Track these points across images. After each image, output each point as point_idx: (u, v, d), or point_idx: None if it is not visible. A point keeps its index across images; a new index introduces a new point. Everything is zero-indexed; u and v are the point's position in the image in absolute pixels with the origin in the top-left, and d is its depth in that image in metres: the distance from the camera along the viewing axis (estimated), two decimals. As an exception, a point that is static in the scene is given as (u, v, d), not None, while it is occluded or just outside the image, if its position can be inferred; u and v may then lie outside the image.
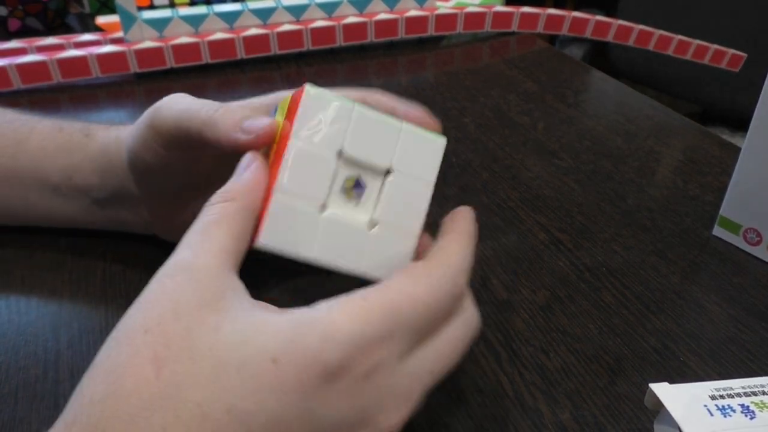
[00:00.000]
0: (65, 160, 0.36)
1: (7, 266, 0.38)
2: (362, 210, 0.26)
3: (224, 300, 0.22)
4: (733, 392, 0.26)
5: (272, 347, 0.21)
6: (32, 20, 0.74)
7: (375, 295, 0.22)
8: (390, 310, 0.22)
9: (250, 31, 0.66)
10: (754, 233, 0.40)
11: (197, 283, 0.22)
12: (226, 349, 0.21)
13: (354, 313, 0.21)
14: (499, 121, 0.57)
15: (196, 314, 0.21)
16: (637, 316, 0.36)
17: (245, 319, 0.21)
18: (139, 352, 0.21)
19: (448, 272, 0.24)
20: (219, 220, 0.24)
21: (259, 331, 0.21)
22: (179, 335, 0.21)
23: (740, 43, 0.83)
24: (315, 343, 0.21)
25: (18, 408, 0.30)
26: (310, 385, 0.21)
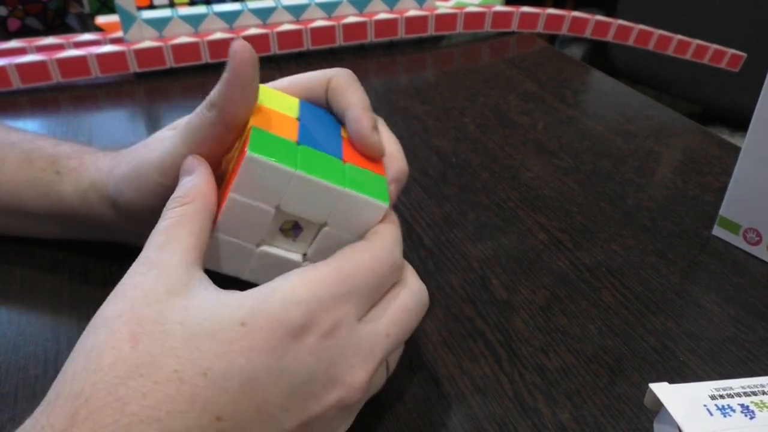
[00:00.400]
0: (40, 198, 0.35)
1: (7, 266, 0.38)
2: (298, 246, 0.28)
3: (191, 288, 0.23)
4: (732, 392, 0.26)
5: (240, 314, 0.22)
6: (32, 20, 0.74)
7: (326, 263, 0.25)
8: (341, 274, 0.25)
9: (249, 30, 0.66)
10: (753, 233, 0.40)
11: (164, 276, 0.23)
12: (197, 321, 0.22)
13: (310, 278, 0.24)
14: (498, 121, 0.57)
15: (164, 300, 0.23)
16: (637, 316, 0.36)
17: (212, 297, 0.23)
18: (115, 331, 0.22)
19: (384, 245, 0.27)
20: (180, 222, 0.25)
21: (226, 304, 0.23)
22: (151, 316, 0.22)
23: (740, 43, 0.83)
24: (279, 306, 0.23)
25: (18, 408, 0.30)
26: (279, 345, 0.22)
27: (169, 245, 0.25)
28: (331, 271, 0.25)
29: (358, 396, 0.25)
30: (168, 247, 0.25)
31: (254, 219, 0.27)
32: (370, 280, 0.25)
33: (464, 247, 0.41)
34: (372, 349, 0.25)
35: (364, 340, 0.25)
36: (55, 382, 0.22)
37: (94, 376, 0.21)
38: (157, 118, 0.56)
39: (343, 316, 0.24)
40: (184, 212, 0.26)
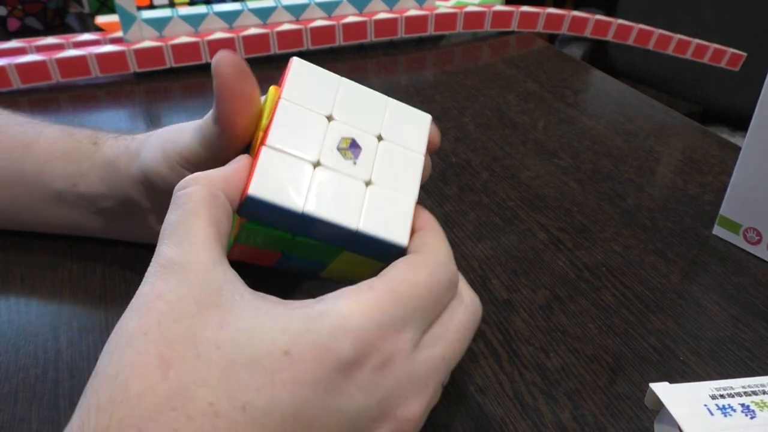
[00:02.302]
0: (72, 167, 0.36)
1: (6, 266, 0.38)
2: (359, 169, 0.25)
3: (222, 295, 0.21)
4: (733, 392, 0.26)
5: (283, 340, 0.20)
6: (32, 20, 0.74)
7: (380, 283, 0.22)
8: (397, 296, 0.22)
9: (249, 30, 0.66)
10: (753, 232, 0.40)
11: (190, 282, 0.21)
12: (235, 345, 0.20)
13: (363, 301, 0.21)
14: (498, 120, 0.57)
15: (195, 314, 0.20)
16: (637, 315, 0.36)
17: (250, 313, 0.21)
18: (142, 353, 0.19)
19: (441, 259, 0.24)
20: (195, 209, 0.23)
21: (267, 326, 0.20)
22: (182, 335, 0.20)
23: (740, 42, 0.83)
24: (327, 334, 0.20)
25: (18, 408, 0.30)
26: (326, 379, 0.20)
27: (188, 240, 0.22)
28: (385, 292, 0.22)
29: (412, 429, 0.23)
30: (187, 242, 0.22)
31: (306, 127, 0.24)
32: (427, 300, 0.23)
33: (464, 246, 0.41)
34: (427, 378, 0.23)
35: (420, 369, 0.23)
36: (79, 408, 0.20)
37: (121, 409, 0.19)
38: (157, 118, 0.56)
39: (399, 345, 0.22)
40: (194, 196, 0.23)
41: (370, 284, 0.22)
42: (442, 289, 0.24)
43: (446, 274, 0.24)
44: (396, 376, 0.22)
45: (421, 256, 0.24)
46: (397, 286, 0.22)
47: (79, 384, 0.31)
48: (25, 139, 0.37)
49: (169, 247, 0.22)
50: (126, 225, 0.37)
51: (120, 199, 0.35)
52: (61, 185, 0.36)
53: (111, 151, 0.35)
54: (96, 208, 0.36)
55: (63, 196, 0.36)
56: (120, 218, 0.37)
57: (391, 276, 0.23)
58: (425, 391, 0.23)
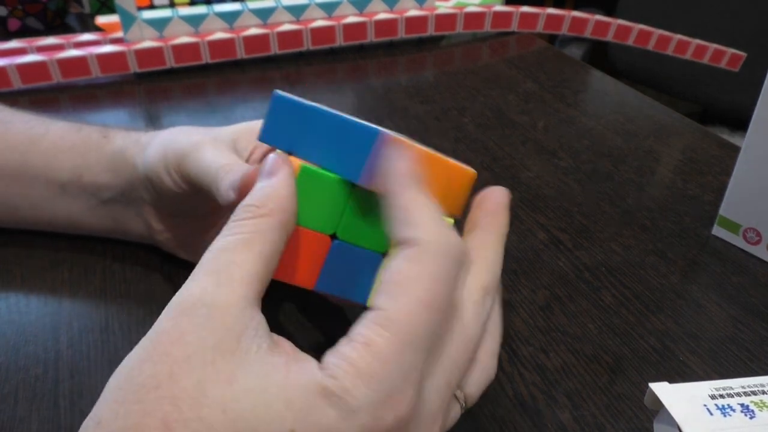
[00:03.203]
0: (78, 159, 0.36)
1: (6, 266, 0.38)
2: None
3: (241, 342, 0.20)
4: (732, 392, 0.26)
5: (289, 418, 0.19)
6: (32, 20, 0.74)
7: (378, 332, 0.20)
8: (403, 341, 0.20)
9: (249, 30, 0.66)
10: (753, 233, 0.40)
11: (217, 322, 0.20)
12: (241, 414, 0.19)
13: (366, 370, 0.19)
14: (498, 120, 0.57)
15: (210, 363, 0.19)
16: (637, 315, 0.36)
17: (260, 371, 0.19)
18: (149, 414, 0.18)
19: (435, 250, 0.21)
20: (250, 240, 0.21)
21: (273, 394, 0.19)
22: (190, 392, 0.19)
23: (740, 42, 0.83)
24: (334, 418, 0.19)
25: (18, 408, 0.30)
26: None
27: (227, 272, 0.21)
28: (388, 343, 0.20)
29: None
30: (226, 274, 0.21)
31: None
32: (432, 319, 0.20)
33: (464, 246, 0.41)
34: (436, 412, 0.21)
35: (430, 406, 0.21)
36: None
37: None
38: (157, 118, 0.56)
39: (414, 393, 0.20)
40: (258, 227, 0.22)
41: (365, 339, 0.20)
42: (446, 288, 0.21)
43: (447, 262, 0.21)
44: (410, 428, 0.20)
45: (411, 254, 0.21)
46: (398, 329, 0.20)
47: (79, 384, 0.31)
48: (31, 134, 0.38)
49: (206, 277, 0.21)
50: (124, 218, 0.37)
51: (122, 189, 0.36)
52: (66, 177, 0.37)
53: (122, 141, 0.36)
54: (97, 200, 0.37)
55: (67, 187, 0.37)
56: (119, 211, 0.37)
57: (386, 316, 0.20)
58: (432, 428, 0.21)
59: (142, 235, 0.37)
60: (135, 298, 0.36)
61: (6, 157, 0.37)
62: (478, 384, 0.24)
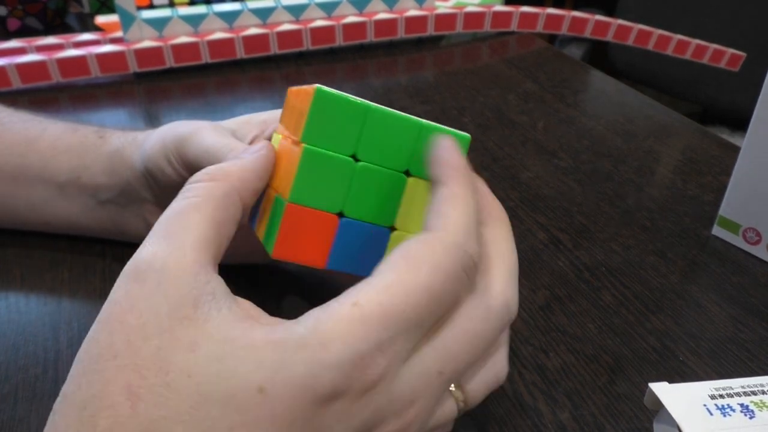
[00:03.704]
0: (76, 160, 0.36)
1: (6, 266, 0.38)
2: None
3: (198, 308, 0.19)
4: (732, 392, 0.26)
5: (258, 376, 0.18)
6: (32, 20, 0.74)
7: (369, 297, 0.20)
8: (388, 312, 0.19)
9: (249, 30, 0.66)
10: (753, 233, 0.40)
11: (169, 288, 0.19)
12: (208, 378, 0.18)
13: (346, 327, 0.19)
14: (498, 120, 0.57)
15: (167, 330, 0.19)
16: (637, 315, 0.36)
17: (225, 336, 0.19)
18: (111, 382, 0.18)
19: (453, 241, 0.21)
20: (200, 204, 0.21)
21: (242, 357, 0.19)
22: (151, 359, 0.18)
23: (740, 42, 0.83)
24: (305, 371, 0.19)
25: (18, 408, 0.30)
26: (303, 414, 0.19)
27: (178, 236, 0.20)
28: (375, 310, 0.19)
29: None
30: (177, 238, 0.20)
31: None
32: (425, 309, 0.20)
33: (464, 246, 0.41)
34: (413, 396, 0.21)
35: (404, 388, 0.20)
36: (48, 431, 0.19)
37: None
38: (157, 118, 0.56)
39: (386, 366, 0.19)
40: (208, 191, 0.21)
41: (356, 299, 0.20)
42: (449, 284, 0.21)
43: (458, 260, 0.21)
44: (378, 400, 0.20)
45: (428, 239, 0.21)
46: (390, 298, 0.20)
47: (79, 384, 0.31)
48: (28, 136, 0.38)
49: (157, 241, 0.20)
50: (123, 218, 0.37)
51: (120, 189, 0.35)
52: (64, 178, 0.36)
53: (118, 141, 0.36)
54: (96, 201, 0.37)
55: (65, 188, 0.37)
56: (118, 211, 0.37)
57: (384, 283, 0.20)
58: (408, 411, 0.21)
59: (142, 236, 0.37)
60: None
61: (4, 159, 0.37)
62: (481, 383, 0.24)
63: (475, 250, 0.22)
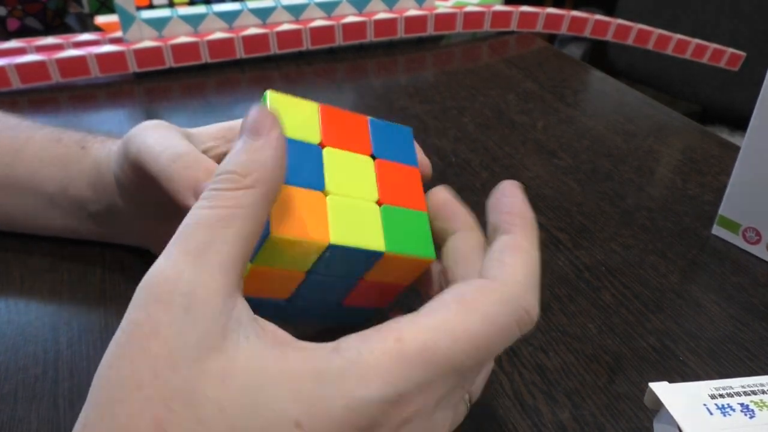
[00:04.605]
0: (61, 172, 0.36)
1: (6, 266, 0.38)
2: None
3: (227, 337, 0.18)
4: (732, 391, 0.26)
5: (294, 409, 0.18)
6: (31, 20, 0.74)
7: (414, 335, 0.19)
8: (432, 358, 0.19)
9: (249, 30, 0.66)
10: (753, 232, 0.40)
11: (197, 315, 0.18)
12: (241, 411, 0.17)
13: (387, 364, 0.18)
14: (498, 120, 0.57)
15: (195, 360, 0.18)
16: (637, 315, 0.36)
17: (257, 365, 0.18)
18: (137, 415, 0.17)
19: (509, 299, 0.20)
20: (231, 217, 0.19)
21: (276, 388, 0.18)
22: (179, 391, 0.17)
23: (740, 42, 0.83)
24: (344, 404, 0.18)
25: (18, 408, 0.30)
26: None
27: (205, 255, 0.19)
28: (419, 352, 0.18)
29: None
30: (204, 257, 0.19)
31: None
32: (468, 359, 0.19)
33: (464, 246, 0.41)
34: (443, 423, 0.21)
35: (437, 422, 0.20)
36: None
37: None
38: (157, 118, 0.56)
39: (420, 407, 0.19)
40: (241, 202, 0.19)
41: (399, 335, 0.19)
42: (500, 338, 0.20)
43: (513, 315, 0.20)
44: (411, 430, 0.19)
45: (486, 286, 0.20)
46: (434, 344, 0.19)
47: (79, 384, 0.31)
48: (14, 145, 0.37)
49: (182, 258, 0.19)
50: (114, 230, 0.37)
51: (105, 203, 0.35)
52: (52, 190, 0.36)
53: (97, 154, 0.35)
54: (86, 213, 0.36)
55: (55, 200, 0.36)
56: (108, 223, 0.37)
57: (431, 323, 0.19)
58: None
59: (136, 242, 0.37)
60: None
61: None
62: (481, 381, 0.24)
63: (532, 307, 0.21)
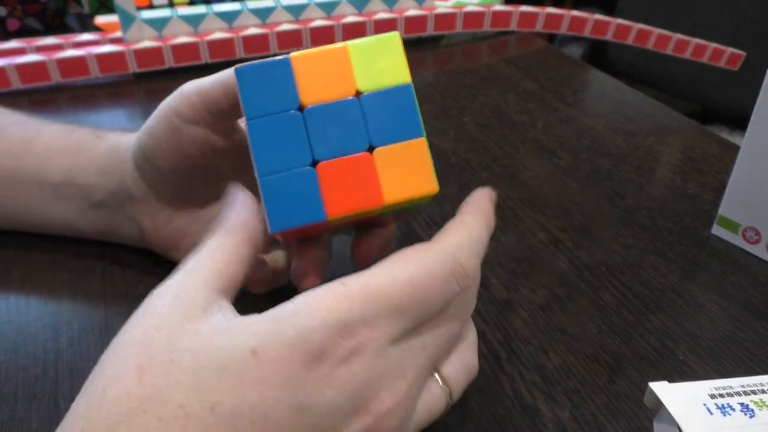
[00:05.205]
0: (70, 161, 0.36)
1: (6, 266, 0.38)
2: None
3: (207, 312, 0.22)
4: (732, 391, 0.26)
5: (251, 341, 0.21)
6: (31, 20, 0.74)
7: (355, 280, 0.22)
8: (370, 291, 0.22)
9: (249, 30, 0.66)
10: (753, 232, 0.40)
11: (182, 298, 0.22)
12: (206, 350, 0.21)
13: (332, 299, 0.21)
14: (498, 120, 0.57)
15: (176, 324, 0.21)
16: (637, 315, 0.36)
17: (225, 322, 0.22)
18: (122, 362, 0.21)
19: (443, 250, 0.24)
20: (216, 250, 0.24)
21: (237, 329, 0.21)
22: (160, 344, 0.21)
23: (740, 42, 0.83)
24: (294, 332, 0.21)
25: (18, 408, 0.30)
26: (294, 375, 0.20)
27: (197, 270, 0.23)
28: (359, 289, 0.22)
29: (391, 423, 0.22)
30: (195, 271, 0.23)
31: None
32: (408, 298, 0.22)
33: (464, 246, 0.41)
34: (402, 369, 0.23)
35: (393, 361, 0.22)
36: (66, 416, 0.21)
37: (95, 414, 0.20)
38: (157, 118, 0.56)
39: (370, 338, 0.22)
40: (224, 242, 0.24)
41: (344, 281, 0.22)
42: (433, 286, 0.23)
43: (446, 264, 0.23)
44: (364, 370, 0.21)
45: (423, 246, 0.24)
46: (375, 282, 0.22)
47: (79, 384, 0.31)
48: (24, 137, 0.38)
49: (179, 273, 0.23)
50: (115, 220, 0.37)
51: (112, 189, 0.35)
52: (58, 179, 0.36)
53: (115, 140, 0.36)
54: (88, 203, 0.36)
55: (59, 190, 0.37)
56: (110, 213, 0.36)
57: (370, 271, 0.23)
58: (400, 382, 0.22)
59: (134, 239, 0.37)
60: (135, 298, 0.36)
61: (0, 162, 0.37)
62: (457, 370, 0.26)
63: (467, 261, 0.24)
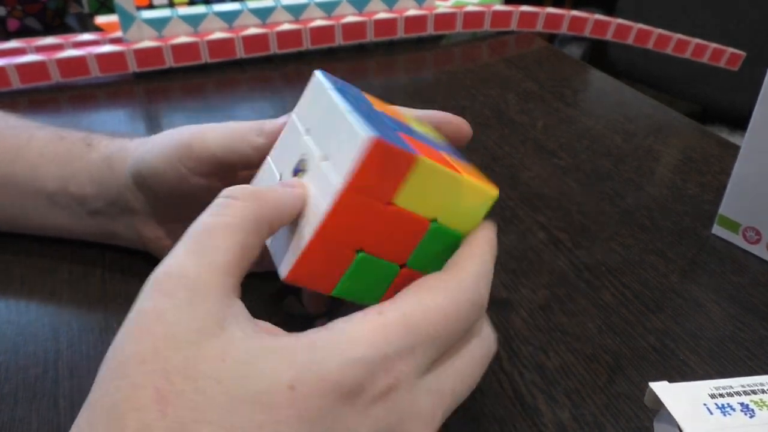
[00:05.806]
0: (63, 169, 0.36)
1: (6, 266, 0.38)
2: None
3: (224, 328, 0.20)
4: (732, 391, 0.26)
5: (288, 374, 0.19)
6: (31, 20, 0.74)
7: (391, 308, 0.22)
8: (408, 323, 0.21)
9: (249, 30, 0.66)
10: (753, 232, 0.40)
11: (196, 306, 0.20)
12: (237, 380, 0.19)
13: (371, 330, 0.21)
14: (498, 120, 0.57)
15: (194, 344, 0.19)
16: (637, 315, 0.36)
17: (253, 344, 0.20)
18: (138, 386, 0.18)
19: (466, 281, 0.23)
20: (233, 226, 0.21)
21: (272, 358, 0.19)
22: (180, 366, 0.19)
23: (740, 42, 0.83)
24: (335, 365, 0.19)
25: (18, 408, 0.30)
26: (330, 411, 0.19)
27: (211, 256, 0.21)
28: (396, 318, 0.21)
29: None
30: (210, 257, 0.21)
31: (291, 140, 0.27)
32: (441, 329, 0.22)
33: (464, 246, 0.41)
34: (433, 410, 0.22)
35: (425, 401, 0.22)
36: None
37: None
38: (157, 119, 0.56)
39: (405, 372, 0.21)
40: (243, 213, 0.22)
41: (380, 309, 0.21)
42: (461, 315, 0.23)
43: (469, 298, 0.23)
44: (399, 404, 0.21)
45: (444, 276, 0.24)
46: (410, 311, 0.21)
47: (79, 384, 0.31)
48: (16, 143, 0.37)
49: (189, 254, 0.21)
50: (114, 228, 0.37)
51: (110, 199, 0.35)
52: (52, 188, 0.36)
53: (106, 149, 0.35)
54: (86, 210, 0.36)
55: (55, 198, 0.36)
56: (108, 221, 0.36)
57: (404, 300, 0.22)
58: (430, 424, 0.22)
59: (135, 245, 0.37)
60: (135, 298, 0.36)
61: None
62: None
63: (482, 295, 0.24)
